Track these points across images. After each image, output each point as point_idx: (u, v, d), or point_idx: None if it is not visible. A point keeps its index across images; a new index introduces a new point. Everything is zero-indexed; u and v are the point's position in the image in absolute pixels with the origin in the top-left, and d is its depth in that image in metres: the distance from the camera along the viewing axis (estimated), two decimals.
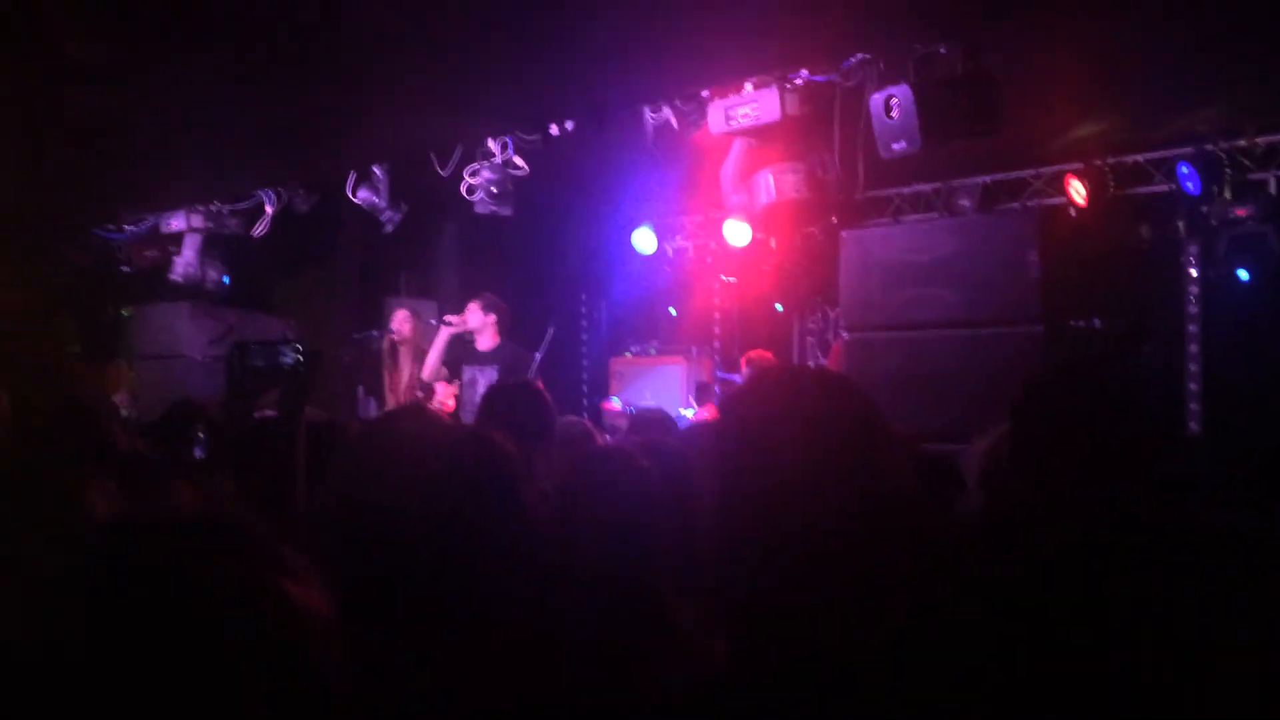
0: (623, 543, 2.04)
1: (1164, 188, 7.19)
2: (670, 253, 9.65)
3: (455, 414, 6.92)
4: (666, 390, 8.73)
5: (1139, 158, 7.28)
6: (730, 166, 5.88)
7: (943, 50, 4.81)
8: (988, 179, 7.84)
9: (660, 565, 2.11)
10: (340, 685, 0.96)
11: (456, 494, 1.68)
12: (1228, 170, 6.90)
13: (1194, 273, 7.19)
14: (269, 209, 7.93)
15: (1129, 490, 2.32)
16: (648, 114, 5.94)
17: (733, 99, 5.52)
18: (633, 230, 9.10)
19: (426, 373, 7.15)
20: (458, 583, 1.62)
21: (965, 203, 7.95)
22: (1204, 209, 6.96)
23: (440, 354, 6.99)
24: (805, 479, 1.37)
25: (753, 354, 7.75)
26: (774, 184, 5.56)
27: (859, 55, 5.18)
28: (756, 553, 1.38)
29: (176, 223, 8.40)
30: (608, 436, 5.63)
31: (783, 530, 1.37)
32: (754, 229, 7.57)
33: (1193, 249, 7.18)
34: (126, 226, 8.91)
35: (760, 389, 1.56)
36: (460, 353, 6.93)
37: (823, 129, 5.42)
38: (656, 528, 2.05)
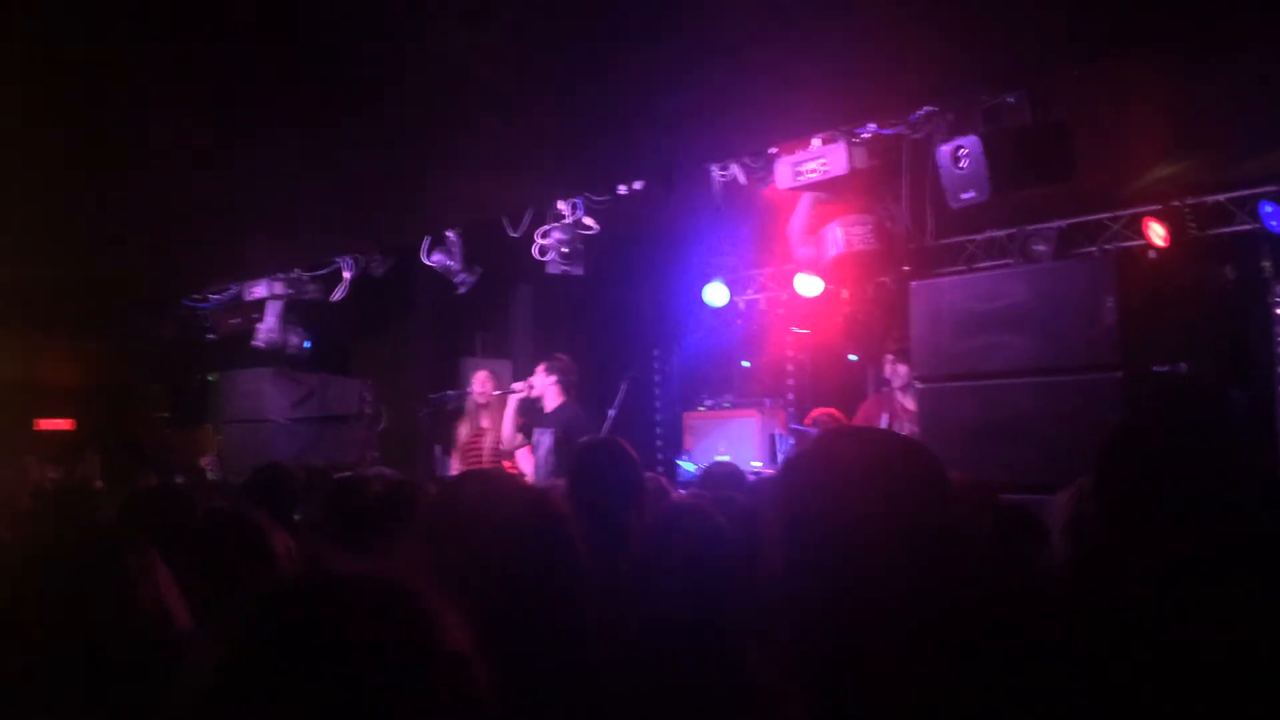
0: (701, 596, 2.05)
1: (1248, 227, 7.02)
2: (742, 306, 9.67)
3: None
4: (741, 443, 8.69)
5: (1220, 198, 7.13)
6: (798, 220, 5.91)
7: (1010, 100, 4.80)
8: (1064, 223, 7.74)
9: (739, 621, 2.11)
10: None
11: (512, 552, 1.71)
12: None
13: (1279, 313, 6.99)
14: (347, 274, 8.14)
15: (1221, 539, 2.26)
16: (715, 171, 6.00)
17: (800, 155, 5.56)
18: (704, 285, 9.15)
19: (504, 441, 7.25)
20: (520, 638, 1.64)
21: (1041, 248, 7.84)
22: None
23: (513, 421, 7.10)
24: (868, 537, 1.38)
25: (818, 413, 7.70)
26: (842, 236, 5.57)
27: (926, 108, 5.19)
28: (824, 612, 1.39)
29: (259, 290, 8.66)
30: (681, 492, 5.63)
31: (849, 589, 1.37)
32: (824, 281, 7.57)
33: (1278, 289, 6.99)
34: (211, 295, 9.21)
35: (820, 450, 1.57)
36: (530, 416, 7.03)
37: (891, 181, 5.43)
38: (733, 582, 2.06)
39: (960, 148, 4.81)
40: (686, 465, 8.50)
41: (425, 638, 0.99)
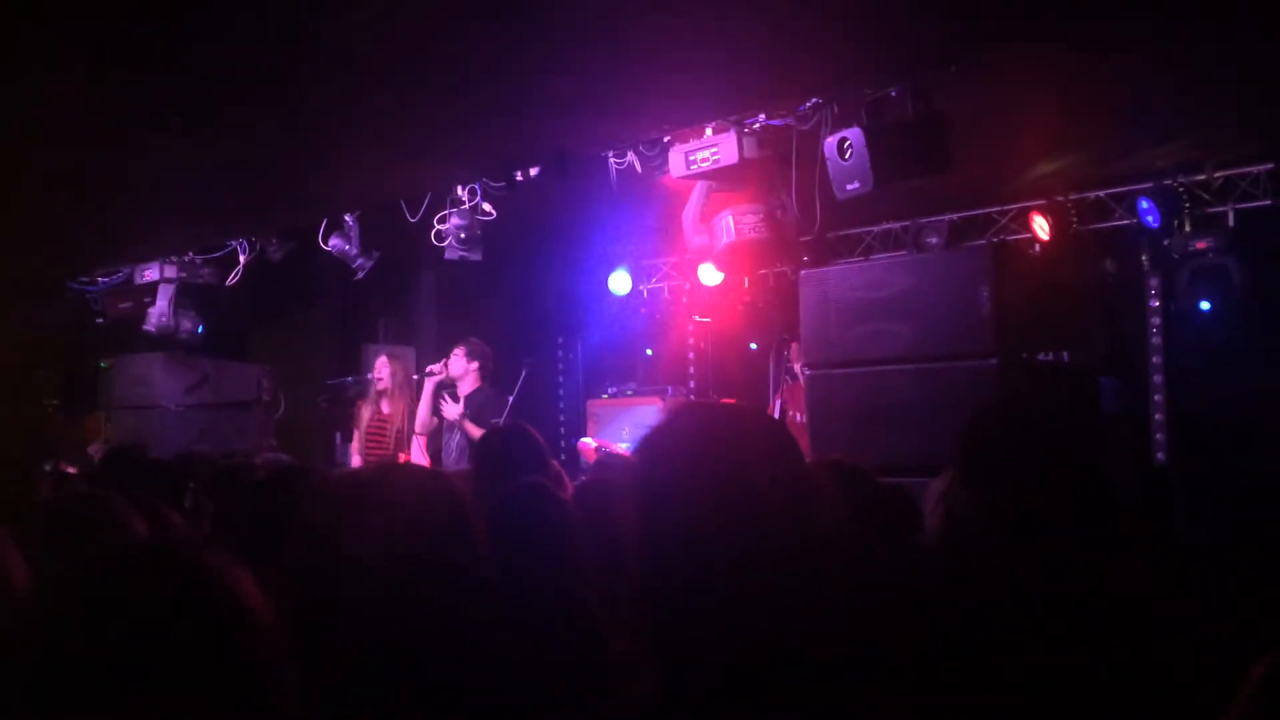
0: (548, 573, 2.08)
1: (1126, 222, 7.29)
2: (645, 294, 9.74)
3: (434, 461, 6.97)
4: (643, 430, 8.73)
5: (1101, 193, 7.39)
6: (692, 209, 5.98)
7: (893, 93, 4.91)
8: (955, 216, 7.96)
9: (588, 596, 2.15)
10: (289, 685, 1.03)
11: (413, 539, 1.72)
12: (1187, 204, 7.02)
13: (1156, 305, 7.27)
14: (242, 258, 7.99)
15: (1081, 513, 2.37)
16: (611, 159, 6.03)
17: (693, 143, 5.62)
18: (608, 273, 9.19)
19: (418, 425, 7.17)
20: (409, 622, 1.66)
21: (934, 240, 8.05)
22: (1165, 242, 7.06)
23: (429, 405, 7.05)
24: (717, 513, 1.39)
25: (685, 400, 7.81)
26: (734, 225, 5.64)
27: (814, 99, 5.29)
28: (674, 590, 1.41)
29: (150, 273, 8.46)
30: (582, 478, 5.66)
31: (697, 567, 1.38)
32: (717, 269, 7.66)
33: (1155, 282, 7.28)
34: (101, 279, 8.96)
35: (671, 426, 1.59)
36: (440, 400, 7.00)
37: (781, 171, 5.51)
38: (579, 559, 2.10)
39: (845, 139, 4.91)
40: (622, 445, 8.50)
41: (217, 599, 1.01)
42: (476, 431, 6.47)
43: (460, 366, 6.93)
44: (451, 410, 6.81)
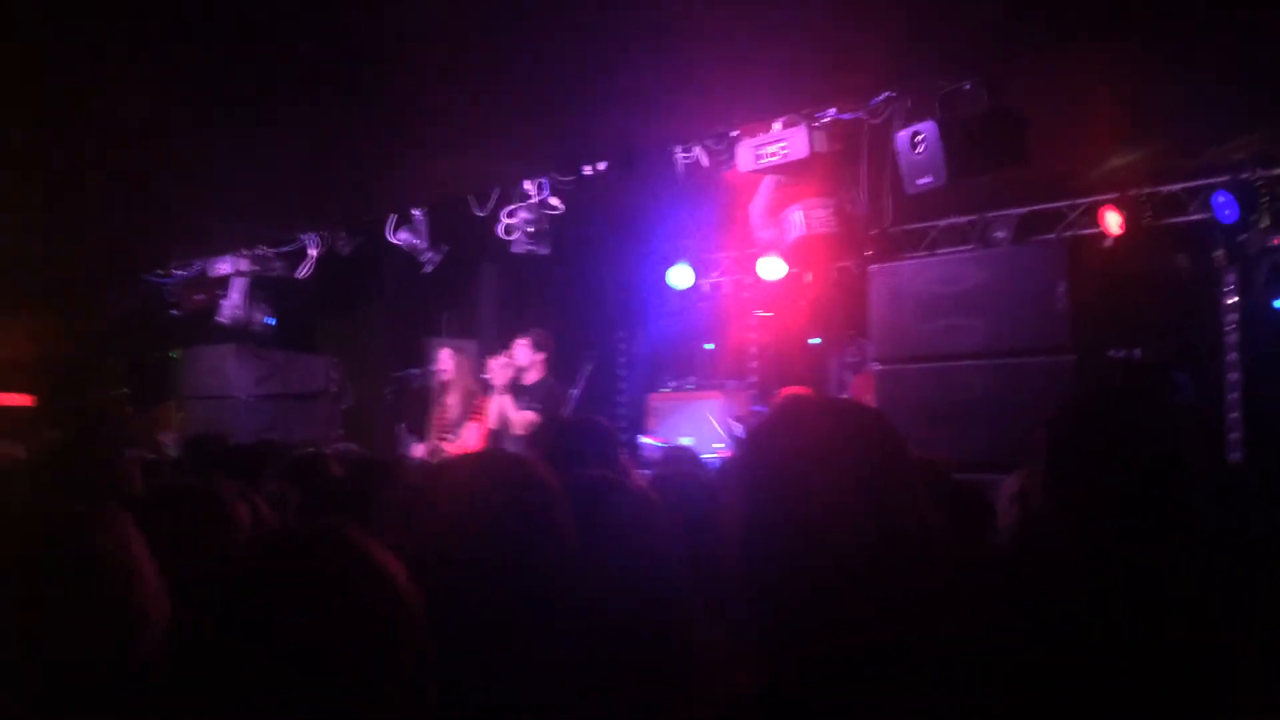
0: (635, 569, 2.09)
1: (1201, 217, 7.15)
2: (706, 289, 9.73)
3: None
4: (704, 425, 8.76)
5: (1175, 187, 7.25)
6: (759, 203, 5.97)
7: (967, 87, 4.86)
8: (1023, 211, 7.85)
9: (679, 593, 2.16)
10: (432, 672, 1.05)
11: (502, 527, 1.75)
12: (1265, 198, 6.86)
13: (1231, 301, 7.13)
14: (312, 252, 8.12)
15: (1162, 515, 2.34)
16: (679, 153, 6.04)
17: (761, 138, 5.61)
18: (669, 267, 9.19)
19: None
20: (500, 610, 1.68)
21: (1001, 234, 7.95)
22: (1241, 238, 6.92)
23: (510, 399, 6.87)
24: (828, 507, 1.38)
25: (790, 390, 7.77)
26: (804, 219, 5.63)
27: (885, 93, 5.25)
28: (782, 582, 1.41)
29: (223, 266, 8.63)
30: (645, 472, 5.68)
31: (806, 560, 1.38)
32: (786, 264, 7.63)
33: (1230, 278, 7.13)
34: (175, 271, 9.15)
35: (784, 419, 1.58)
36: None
37: (851, 165, 5.49)
38: (666, 554, 2.10)
39: (918, 133, 4.88)
40: (651, 443, 8.55)
41: (375, 590, 1.03)
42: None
43: (526, 356, 6.93)
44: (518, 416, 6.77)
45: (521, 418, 6.68)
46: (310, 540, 1.05)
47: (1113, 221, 7.26)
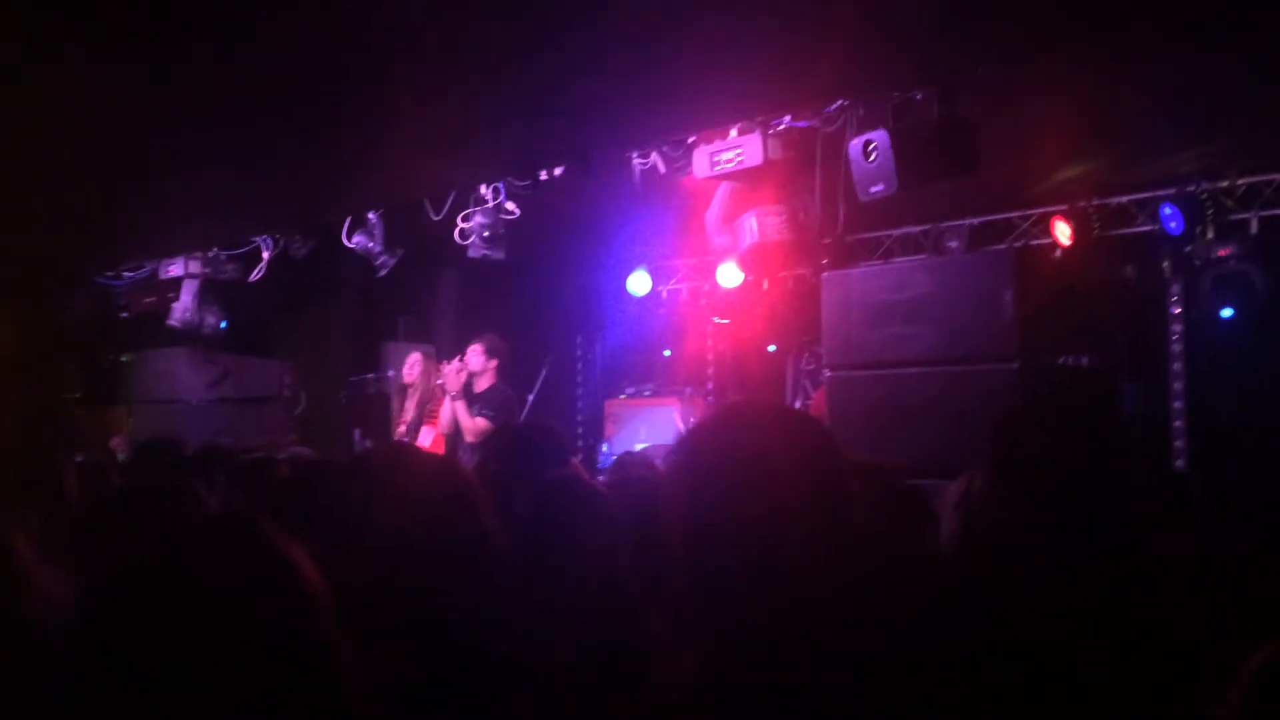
0: (589, 561, 2.12)
1: (1148, 228, 7.28)
2: (664, 295, 9.76)
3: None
4: (661, 431, 8.79)
5: (1123, 199, 7.39)
6: (715, 210, 6.00)
7: (919, 96, 4.93)
8: (976, 221, 7.96)
9: (629, 582, 2.19)
10: (350, 666, 1.05)
11: (425, 525, 1.76)
12: (1210, 211, 7.00)
13: (1178, 311, 7.27)
14: (265, 254, 8.05)
15: (1102, 519, 2.38)
16: (635, 159, 6.06)
17: (717, 144, 5.64)
18: (627, 273, 9.22)
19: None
20: (430, 607, 1.69)
21: (954, 244, 8.06)
22: (1187, 249, 7.05)
23: (464, 405, 6.85)
24: (762, 504, 1.42)
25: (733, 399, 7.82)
26: (757, 226, 5.67)
27: (839, 101, 5.31)
28: (717, 572, 1.43)
29: (175, 269, 8.53)
30: (600, 479, 5.67)
31: (740, 552, 1.41)
32: (740, 270, 7.68)
33: (1176, 288, 7.27)
34: (126, 273, 9.03)
35: (721, 419, 1.62)
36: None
37: (805, 173, 5.54)
38: (617, 548, 2.13)
39: (870, 142, 4.93)
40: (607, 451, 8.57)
41: (281, 578, 1.03)
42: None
43: (479, 362, 6.91)
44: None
45: (474, 424, 6.66)
46: (212, 531, 1.05)
47: (1063, 232, 7.38)
